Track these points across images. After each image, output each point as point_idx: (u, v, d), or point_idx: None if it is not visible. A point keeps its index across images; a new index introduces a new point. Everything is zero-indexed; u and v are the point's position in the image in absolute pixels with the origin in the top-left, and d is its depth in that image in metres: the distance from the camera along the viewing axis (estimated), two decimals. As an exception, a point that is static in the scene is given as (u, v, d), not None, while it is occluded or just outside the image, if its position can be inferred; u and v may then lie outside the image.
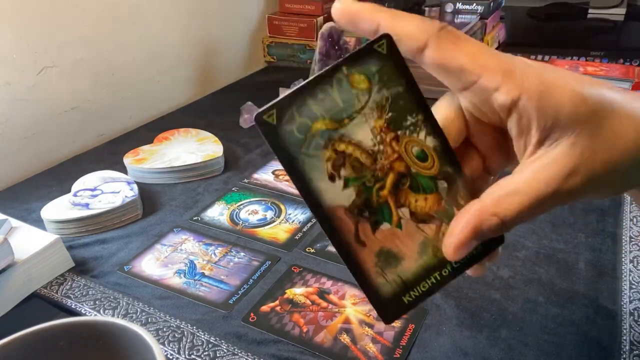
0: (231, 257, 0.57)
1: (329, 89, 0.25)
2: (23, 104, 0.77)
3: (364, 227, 0.27)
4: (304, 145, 0.25)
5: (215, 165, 0.74)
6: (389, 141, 0.26)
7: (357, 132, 0.26)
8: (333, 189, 0.26)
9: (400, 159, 0.27)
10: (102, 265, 0.57)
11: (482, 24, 1.19)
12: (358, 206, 0.27)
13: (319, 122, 0.25)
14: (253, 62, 1.24)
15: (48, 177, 0.77)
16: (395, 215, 0.27)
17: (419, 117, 0.27)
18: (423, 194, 0.27)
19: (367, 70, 0.25)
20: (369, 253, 0.27)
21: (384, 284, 0.27)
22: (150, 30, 0.96)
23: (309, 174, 0.26)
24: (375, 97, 0.26)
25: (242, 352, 0.45)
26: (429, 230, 0.28)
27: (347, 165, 0.26)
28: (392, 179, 0.27)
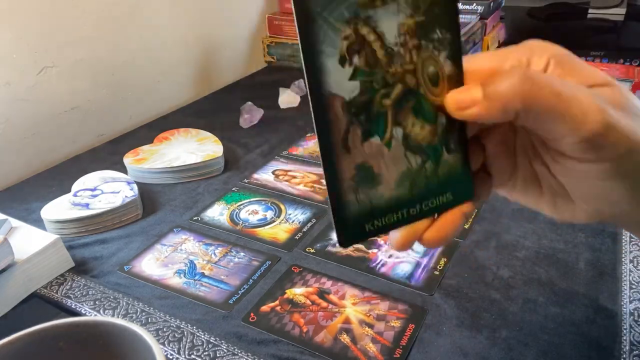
0: (231, 257, 0.57)
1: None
2: (23, 104, 0.77)
3: (355, 131, 0.24)
4: (328, 8, 0.22)
5: (215, 165, 0.74)
6: (410, 47, 0.24)
7: (385, 22, 0.23)
8: (340, 74, 0.23)
9: (414, 72, 0.24)
10: (102, 265, 0.57)
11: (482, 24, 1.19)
12: (357, 105, 0.23)
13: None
14: (253, 62, 1.24)
15: (48, 177, 0.77)
16: (389, 132, 0.24)
17: (447, 35, 0.24)
18: (422, 120, 0.25)
19: None
20: (351, 162, 0.24)
21: (353, 203, 0.24)
22: (150, 30, 0.96)
23: (321, 44, 0.22)
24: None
25: (242, 352, 0.45)
26: (414, 162, 0.25)
27: (362, 54, 0.23)
28: (400, 91, 0.24)
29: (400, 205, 0.26)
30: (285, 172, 0.74)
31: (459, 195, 0.27)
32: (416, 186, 0.26)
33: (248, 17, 1.21)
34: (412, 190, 0.26)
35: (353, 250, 0.57)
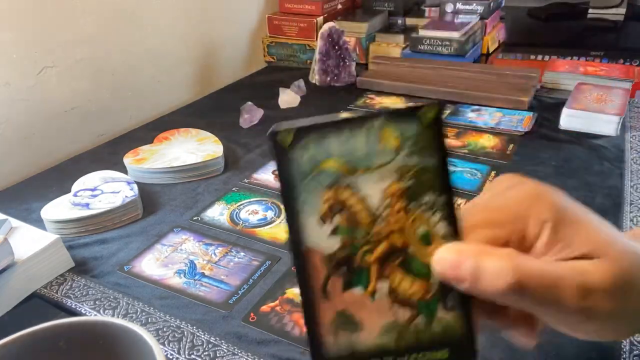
0: (231, 257, 0.57)
1: (357, 134, 0.24)
2: (23, 104, 0.77)
3: (335, 281, 0.25)
4: (307, 178, 0.24)
5: (215, 165, 0.74)
6: (396, 209, 0.25)
7: (368, 187, 0.24)
8: (319, 231, 0.24)
9: (402, 232, 0.25)
10: (102, 265, 0.57)
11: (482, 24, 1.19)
12: (338, 259, 0.25)
13: (332, 161, 0.24)
14: (253, 62, 1.24)
15: (48, 177, 0.77)
16: (372, 286, 0.25)
17: (439, 199, 0.25)
18: (412, 276, 0.25)
19: (403, 131, 0.24)
20: (330, 309, 0.25)
21: (332, 344, 0.25)
22: (150, 30, 0.96)
23: (301, 205, 0.24)
24: (400, 161, 0.24)
25: (242, 352, 0.45)
26: (402, 316, 0.25)
27: (343, 214, 0.24)
28: (384, 249, 0.25)
29: (385, 353, 0.26)
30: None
31: (457, 352, 0.26)
32: (403, 339, 0.25)
33: (248, 17, 1.21)
34: (398, 342, 0.25)
35: (353, 250, 0.57)
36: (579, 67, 1.00)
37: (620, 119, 0.79)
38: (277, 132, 0.23)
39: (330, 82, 1.07)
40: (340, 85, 1.07)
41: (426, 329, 0.25)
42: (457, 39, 1.09)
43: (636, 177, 0.70)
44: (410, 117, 0.24)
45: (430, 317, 0.25)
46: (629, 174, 0.71)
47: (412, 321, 0.25)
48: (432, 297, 0.25)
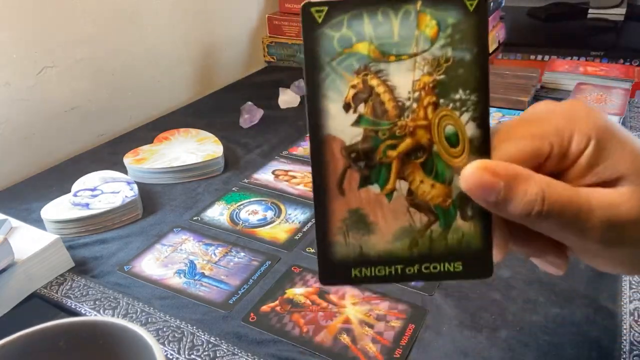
0: (231, 257, 0.57)
1: (392, 16, 0.22)
2: (23, 104, 0.77)
3: (352, 175, 0.23)
4: (336, 59, 0.22)
5: (215, 165, 0.74)
6: (425, 103, 0.23)
7: (397, 76, 0.23)
8: (342, 118, 0.23)
9: (428, 129, 0.23)
10: (102, 265, 0.57)
11: (482, 24, 1.19)
12: (357, 151, 0.23)
13: (364, 44, 0.22)
14: (253, 62, 1.24)
15: (48, 177, 0.76)
16: (391, 184, 0.24)
17: (471, 97, 0.23)
18: (433, 179, 0.24)
19: (442, 17, 0.22)
20: (343, 205, 0.24)
21: (341, 244, 0.24)
22: (150, 30, 0.96)
23: (326, 89, 0.23)
24: (436, 51, 0.22)
25: (242, 352, 0.45)
26: (418, 221, 0.24)
27: (369, 103, 0.23)
28: (408, 145, 0.23)
29: (394, 261, 0.24)
30: (285, 172, 0.74)
31: (471, 268, 0.24)
32: (417, 246, 0.24)
33: (248, 17, 1.21)
34: (411, 249, 0.24)
35: (353, 250, 0.57)
36: (579, 67, 1.00)
37: (620, 119, 0.79)
38: (310, 4, 0.22)
39: (330, 82, 1.07)
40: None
41: (441, 237, 0.24)
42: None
43: (636, 177, 0.70)
44: (453, 1, 0.22)
45: (447, 225, 0.24)
46: (629, 174, 0.70)
47: (428, 227, 0.24)
48: (451, 204, 0.24)
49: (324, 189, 0.24)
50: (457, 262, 0.24)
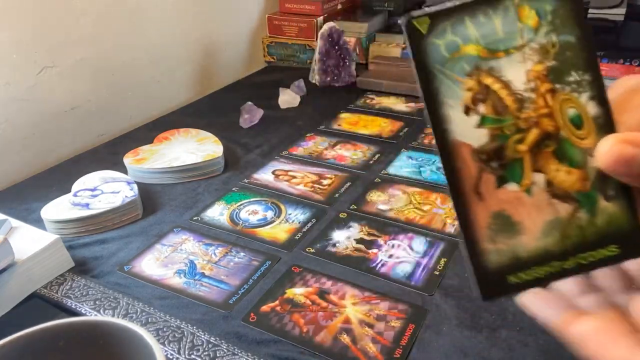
0: (231, 257, 0.57)
1: (492, 14, 0.23)
2: (23, 104, 0.77)
3: (487, 178, 0.23)
4: (447, 65, 0.22)
5: (215, 165, 0.75)
6: (543, 91, 0.23)
7: (510, 70, 0.23)
8: (465, 122, 0.23)
9: (551, 116, 0.23)
10: (102, 265, 0.57)
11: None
12: (487, 152, 0.23)
13: (471, 46, 0.23)
14: (253, 62, 1.24)
15: (48, 177, 0.76)
16: (528, 178, 0.23)
17: (585, 77, 0.23)
18: (567, 165, 0.23)
19: (540, 6, 0.23)
20: (485, 210, 0.23)
21: (492, 251, 0.23)
22: (150, 30, 0.96)
23: (443, 96, 0.23)
24: (541, 39, 0.23)
25: (242, 352, 0.45)
26: (563, 210, 0.23)
27: (488, 102, 0.23)
28: (536, 136, 0.23)
29: (549, 258, 0.24)
30: (285, 172, 0.74)
31: (627, 247, 0.24)
32: (568, 237, 0.24)
33: (248, 17, 1.21)
34: (563, 242, 0.24)
35: (353, 251, 0.57)
36: (579, 67, 1.00)
37: (620, 119, 0.79)
38: (412, 17, 0.22)
39: (330, 82, 1.07)
40: (340, 85, 1.07)
41: (590, 223, 0.24)
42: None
43: (636, 177, 0.70)
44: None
45: (592, 209, 0.23)
46: (629, 174, 0.70)
47: (574, 215, 0.23)
48: (591, 187, 0.23)
49: (463, 198, 0.23)
50: (612, 245, 0.24)
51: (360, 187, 0.69)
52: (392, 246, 0.58)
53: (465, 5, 0.22)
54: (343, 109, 0.95)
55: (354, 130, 0.87)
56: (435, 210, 0.64)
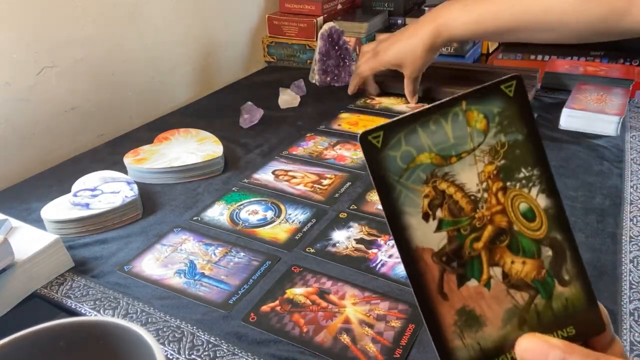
0: (231, 257, 0.57)
1: (443, 122, 0.24)
2: (23, 104, 0.77)
3: (449, 278, 0.25)
4: (404, 175, 0.24)
5: (215, 165, 0.75)
6: (495, 190, 0.25)
7: (463, 174, 0.24)
8: (424, 228, 0.24)
9: (504, 212, 0.25)
10: (102, 265, 0.57)
11: (482, 24, 1.19)
12: (447, 254, 0.24)
13: (424, 155, 0.24)
14: (253, 62, 1.24)
15: (48, 177, 0.76)
16: (486, 274, 0.25)
17: (534, 172, 0.25)
18: (522, 256, 0.25)
19: (488, 109, 0.24)
20: (450, 309, 0.25)
21: (460, 348, 0.25)
22: (150, 30, 0.96)
23: (402, 206, 0.24)
24: (491, 140, 0.24)
25: (242, 352, 0.45)
26: (520, 299, 0.25)
27: (444, 207, 0.24)
28: (490, 233, 0.25)
29: (511, 344, 0.25)
30: (285, 172, 0.74)
31: (583, 328, 0.25)
32: (526, 324, 0.25)
33: (248, 17, 1.21)
34: (521, 327, 0.25)
35: (353, 250, 0.57)
36: (579, 67, 1.00)
37: (620, 119, 0.79)
38: (366, 134, 0.23)
39: (330, 82, 1.07)
40: (340, 85, 1.07)
41: (547, 308, 0.25)
42: (457, 39, 1.08)
43: (636, 177, 0.70)
44: (493, 93, 0.24)
45: (548, 295, 0.25)
46: (629, 174, 0.71)
47: (531, 303, 0.25)
48: (545, 274, 0.25)
49: (428, 300, 0.25)
50: (569, 327, 0.25)
51: (360, 187, 0.69)
52: (392, 246, 0.58)
53: (416, 115, 0.24)
54: (343, 109, 0.95)
55: (354, 131, 0.87)
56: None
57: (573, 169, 0.72)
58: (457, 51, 1.09)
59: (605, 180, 0.69)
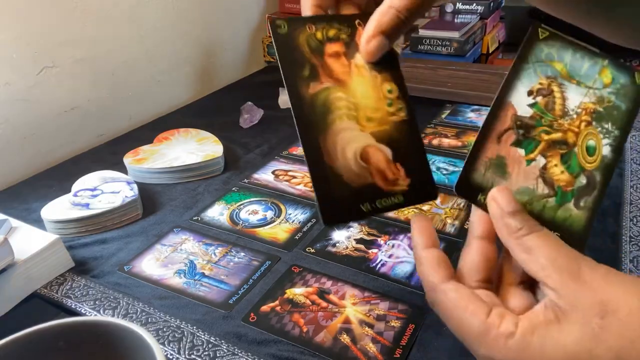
0: (231, 257, 0.57)
1: (586, 59, 0.32)
2: (23, 104, 0.77)
3: (510, 135, 0.31)
4: (539, 62, 0.32)
5: (215, 165, 0.75)
6: (582, 118, 0.31)
7: (572, 93, 0.31)
8: (524, 97, 0.31)
9: (577, 135, 0.31)
10: (102, 265, 0.57)
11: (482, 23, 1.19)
12: (522, 121, 0.31)
13: (560, 64, 0.32)
14: (253, 62, 1.24)
15: (48, 177, 0.77)
16: (534, 155, 0.31)
17: (615, 132, 0.32)
18: (565, 168, 0.31)
19: (617, 76, 0.32)
20: (494, 150, 0.31)
21: (480, 173, 0.31)
22: (150, 30, 0.96)
23: (523, 76, 0.31)
24: (604, 93, 0.32)
25: (242, 352, 0.45)
26: (540, 189, 0.31)
27: (545, 99, 0.31)
28: (557, 137, 0.31)
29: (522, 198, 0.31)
30: (285, 172, 0.74)
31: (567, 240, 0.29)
32: (531, 205, 0.31)
33: (248, 17, 1.21)
34: (526, 204, 0.30)
35: (353, 250, 0.57)
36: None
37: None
38: (539, 23, 0.32)
39: (330, 82, 1.07)
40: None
41: (552, 210, 0.31)
42: (456, 39, 1.09)
43: (636, 177, 0.70)
44: (627, 70, 0.32)
45: (561, 203, 0.31)
46: (629, 174, 0.71)
47: (545, 198, 0.31)
48: (570, 191, 0.31)
49: (487, 133, 0.31)
50: (556, 233, 0.30)
51: (360, 187, 0.69)
52: (392, 246, 0.58)
53: (573, 42, 0.32)
54: (343, 109, 0.95)
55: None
56: (435, 210, 0.64)
57: (573, 169, 0.72)
58: (457, 51, 1.09)
59: (605, 180, 0.69)
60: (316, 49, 0.33)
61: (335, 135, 0.32)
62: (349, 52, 0.33)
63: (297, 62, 0.32)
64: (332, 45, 0.33)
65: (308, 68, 0.33)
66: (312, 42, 0.33)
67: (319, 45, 0.33)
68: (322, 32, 0.33)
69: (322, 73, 0.33)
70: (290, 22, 0.32)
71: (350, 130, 0.32)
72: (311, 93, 0.33)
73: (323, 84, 0.33)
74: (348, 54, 0.33)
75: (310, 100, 0.33)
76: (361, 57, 0.33)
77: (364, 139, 0.32)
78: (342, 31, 0.33)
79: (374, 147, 0.32)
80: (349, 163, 0.31)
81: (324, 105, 0.33)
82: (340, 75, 0.33)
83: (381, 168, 0.32)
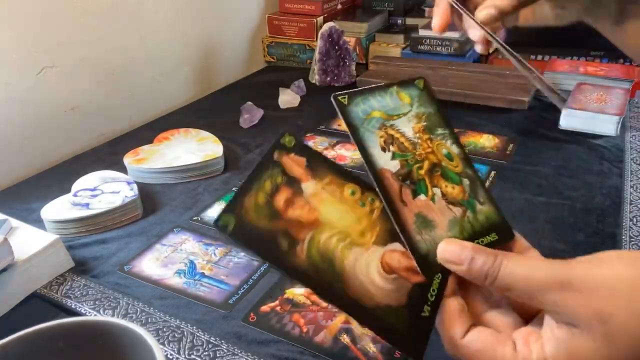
0: (231, 257, 0.57)
1: (385, 95, 0.37)
2: (23, 104, 0.77)
3: (406, 191, 0.34)
4: (365, 122, 0.35)
5: (215, 165, 0.74)
6: (425, 139, 0.36)
7: (403, 126, 0.36)
8: (384, 157, 0.34)
9: (433, 153, 0.36)
10: (102, 265, 0.57)
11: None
12: (402, 175, 0.34)
13: (376, 112, 0.36)
14: (253, 62, 1.24)
15: (48, 177, 0.77)
16: (430, 191, 0.34)
17: (446, 131, 0.37)
18: (451, 183, 0.35)
19: (409, 93, 0.37)
20: (410, 212, 0.33)
21: (421, 241, 0.33)
22: (150, 30, 0.96)
23: (367, 141, 0.34)
24: (415, 110, 0.37)
25: (242, 352, 0.45)
26: (457, 212, 0.34)
27: (394, 144, 0.35)
28: (428, 165, 0.35)
29: None
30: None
31: (501, 235, 0.34)
32: (465, 230, 0.34)
33: (248, 17, 1.21)
34: (462, 233, 0.34)
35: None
36: (579, 67, 1.00)
37: (620, 119, 0.79)
38: (337, 95, 0.35)
39: (330, 82, 1.07)
40: (340, 85, 1.07)
41: (475, 220, 0.34)
42: (457, 39, 1.09)
43: (636, 177, 0.70)
44: (410, 85, 0.38)
45: (473, 210, 0.35)
46: (629, 174, 0.71)
47: (464, 215, 0.34)
48: (468, 196, 0.35)
49: (394, 204, 0.33)
50: (492, 234, 0.34)
51: (360, 187, 0.69)
52: (392, 246, 0.58)
53: (367, 89, 0.36)
54: (343, 109, 0.95)
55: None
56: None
57: (573, 168, 0.72)
58: (457, 51, 1.09)
59: (605, 180, 0.69)
60: (274, 215, 0.33)
61: (354, 275, 0.33)
62: (294, 190, 0.34)
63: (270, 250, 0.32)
64: (280, 197, 0.33)
65: (284, 242, 0.32)
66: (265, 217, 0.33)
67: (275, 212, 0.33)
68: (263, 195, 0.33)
69: (294, 232, 0.32)
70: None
71: (359, 258, 0.33)
72: (303, 258, 0.32)
73: (304, 240, 0.32)
74: (295, 192, 0.34)
75: (309, 264, 0.32)
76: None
77: (374, 255, 0.33)
78: (274, 178, 0.34)
79: (386, 254, 0.34)
80: (381, 284, 0.33)
81: (322, 257, 0.32)
82: (308, 218, 0.33)
83: (406, 265, 0.33)
